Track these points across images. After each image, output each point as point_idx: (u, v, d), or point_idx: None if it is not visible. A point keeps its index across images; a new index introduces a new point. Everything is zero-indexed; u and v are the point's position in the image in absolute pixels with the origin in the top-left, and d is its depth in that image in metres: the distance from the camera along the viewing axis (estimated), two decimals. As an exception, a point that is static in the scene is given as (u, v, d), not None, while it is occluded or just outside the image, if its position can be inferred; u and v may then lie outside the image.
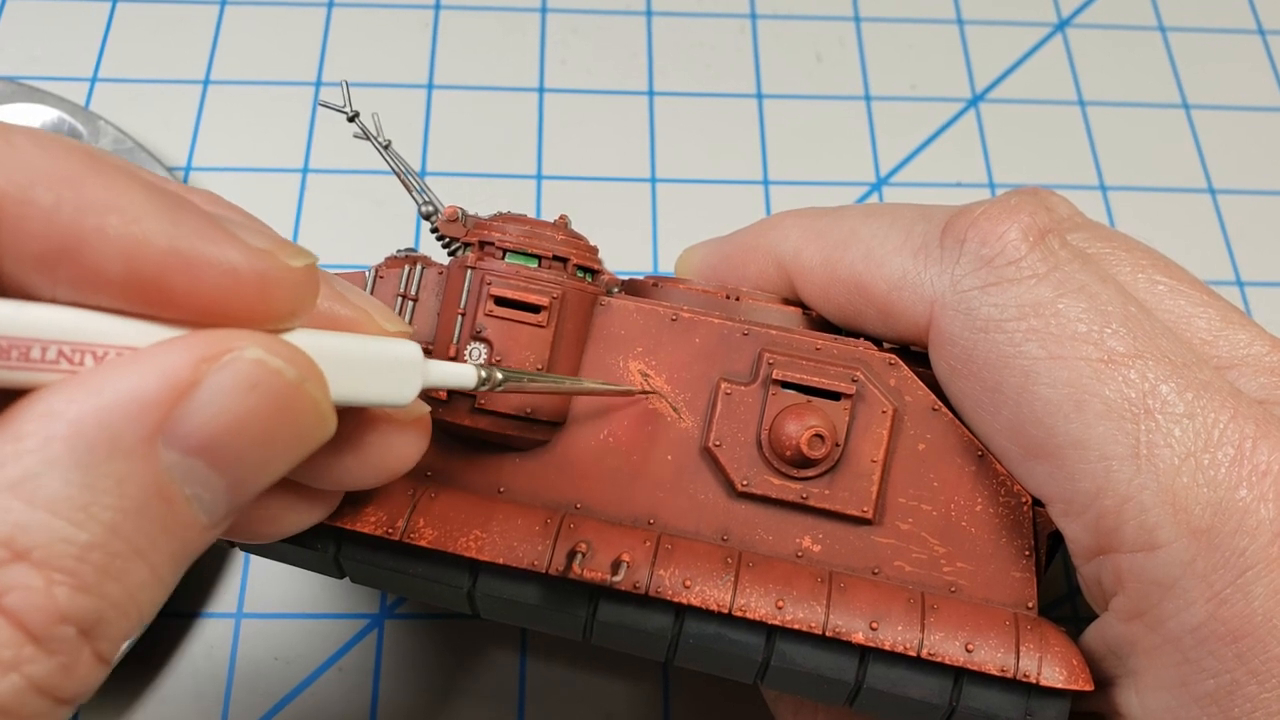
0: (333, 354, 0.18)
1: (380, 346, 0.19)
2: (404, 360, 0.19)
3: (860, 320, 0.26)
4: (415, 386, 0.19)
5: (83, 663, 0.15)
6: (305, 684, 0.34)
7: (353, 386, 0.18)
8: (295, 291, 0.17)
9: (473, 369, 0.21)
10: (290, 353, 0.17)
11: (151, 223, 0.16)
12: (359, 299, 0.20)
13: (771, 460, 0.24)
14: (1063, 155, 0.46)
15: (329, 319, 0.19)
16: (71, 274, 0.15)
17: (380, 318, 0.20)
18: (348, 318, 0.20)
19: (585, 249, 0.25)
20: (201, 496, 0.16)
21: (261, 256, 0.16)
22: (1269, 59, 0.48)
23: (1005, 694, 0.22)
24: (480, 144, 0.44)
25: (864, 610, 0.23)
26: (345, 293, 0.20)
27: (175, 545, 0.16)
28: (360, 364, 0.18)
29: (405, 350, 0.19)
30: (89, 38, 0.45)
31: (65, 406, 0.15)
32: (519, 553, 0.23)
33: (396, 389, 0.19)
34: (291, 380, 0.16)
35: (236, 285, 0.16)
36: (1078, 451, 0.22)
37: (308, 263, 0.17)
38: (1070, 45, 0.48)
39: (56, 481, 0.14)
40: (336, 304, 0.20)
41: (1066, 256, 0.24)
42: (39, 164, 0.15)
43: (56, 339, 0.15)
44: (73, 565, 0.14)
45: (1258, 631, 0.20)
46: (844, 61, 0.47)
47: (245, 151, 0.43)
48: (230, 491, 0.16)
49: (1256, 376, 0.24)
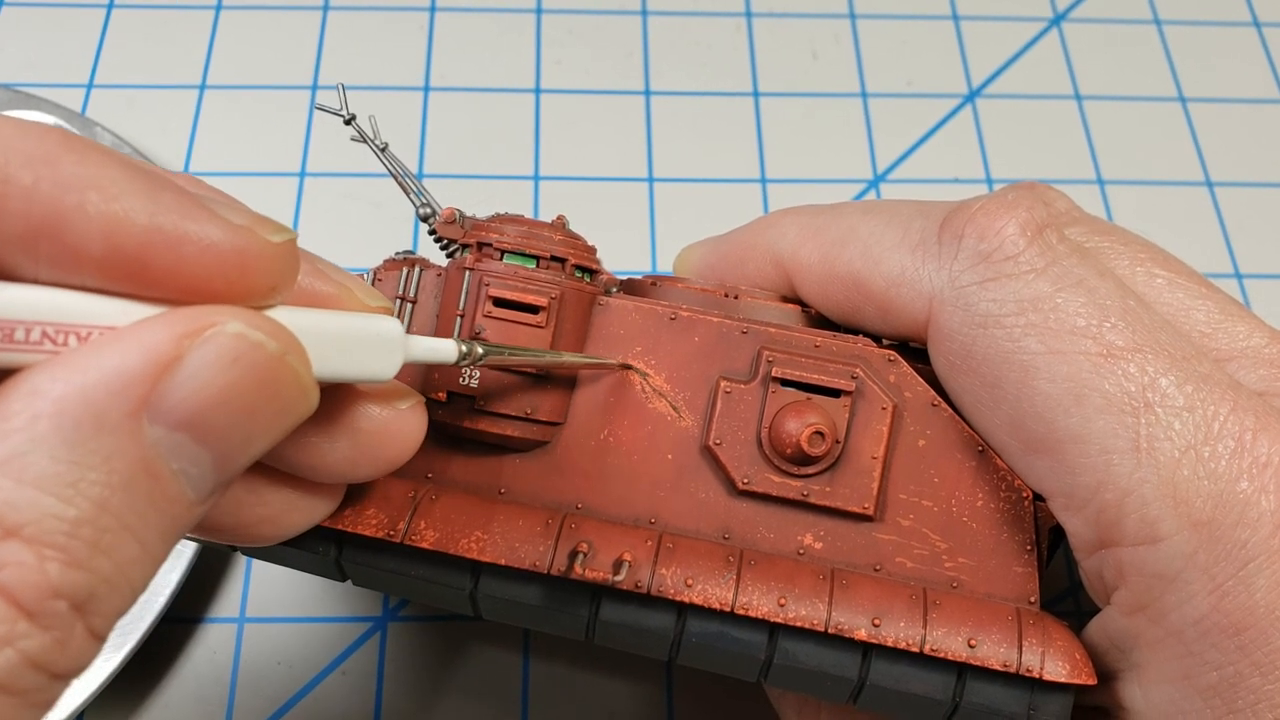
0: (314, 330, 0.18)
1: (361, 322, 0.19)
2: (385, 335, 0.19)
3: (859, 317, 0.26)
4: (397, 361, 0.19)
5: (76, 637, 0.15)
6: (309, 688, 0.34)
7: (335, 362, 0.18)
8: (276, 267, 0.17)
9: (452, 343, 0.21)
10: (271, 327, 0.17)
11: (131, 200, 0.16)
12: (339, 275, 0.20)
13: (772, 458, 0.24)
14: (1060, 150, 0.46)
15: (310, 295, 0.19)
16: (53, 253, 0.15)
17: (361, 293, 0.20)
18: (329, 294, 0.20)
19: (583, 249, 0.25)
20: (188, 471, 0.16)
21: (242, 233, 0.17)
22: (1265, 52, 0.48)
23: (1009, 689, 0.22)
24: (477, 146, 0.44)
25: (866, 607, 0.23)
26: (325, 269, 0.20)
27: (164, 521, 0.16)
28: (342, 340, 0.18)
29: (386, 325, 0.19)
30: (84, 44, 0.45)
31: (50, 385, 0.15)
32: (521, 553, 0.23)
33: (379, 364, 0.19)
34: (273, 353, 0.16)
35: (218, 262, 0.16)
36: (1078, 446, 0.22)
37: (287, 238, 0.17)
38: (1066, 40, 0.48)
39: (44, 459, 0.14)
40: (317, 280, 0.20)
41: (1064, 251, 0.24)
42: (16, 144, 0.15)
43: (39, 320, 0.15)
44: (63, 541, 0.15)
45: (1260, 623, 0.20)
46: (840, 59, 0.47)
47: (242, 156, 0.43)
48: (216, 466, 0.17)
49: (1256, 368, 0.24)
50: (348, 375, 0.19)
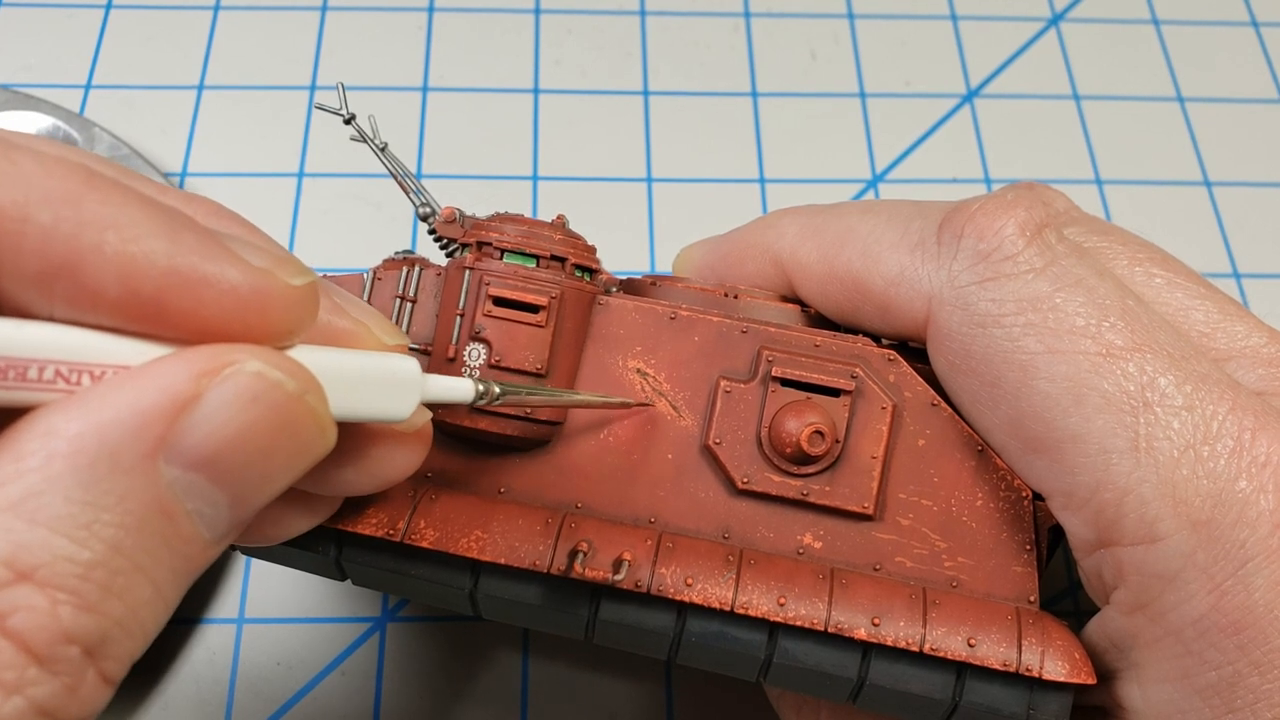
0: (332, 370, 0.18)
1: (379, 362, 0.19)
2: (402, 376, 0.19)
3: (858, 317, 0.26)
4: (413, 402, 0.19)
5: (87, 683, 0.15)
6: (308, 688, 0.34)
7: (352, 402, 0.18)
8: (295, 309, 0.17)
9: (469, 383, 0.21)
10: (290, 366, 0.16)
11: (150, 241, 0.15)
12: (358, 311, 0.20)
13: (772, 457, 0.24)
14: (1058, 150, 0.46)
15: (328, 331, 0.19)
16: (69, 293, 0.15)
17: (379, 330, 0.20)
18: (346, 330, 0.20)
19: (583, 248, 0.25)
20: (203, 512, 0.16)
21: (262, 275, 0.16)
22: (1263, 51, 0.49)
23: (1008, 688, 0.22)
24: (476, 146, 0.44)
25: (866, 606, 0.23)
26: (344, 304, 0.20)
27: (178, 561, 0.16)
28: (359, 380, 0.18)
29: (404, 366, 0.19)
30: (83, 44, 0.45)
31: (65, 425, 0.15)
32: (520, 553, 0.23)
33: (395, 404, 0.19)
34: (292, 392, 0.16)
35: (236, 304, 0.16)
36: (1077, 445, 0.22)
37: (308, 280, 0.17)
38: (1064, 40, 0.48)
39: (58, 499, 0.14)
40: (335, 316, 0.20)
41: (1063, 251, 0.24)
42: (39, 181, 0.15)
43: (54, 359, 0.15)
44: (76, 584, 0.14)
45: (1259, 623, 0.20)
46: (838, 59, 0.47)
47: (241, 156, 0.43)
48: (232, 507, 0.16)
49: (1255, 368, 0.24)
50: (364, 415, 0.19)
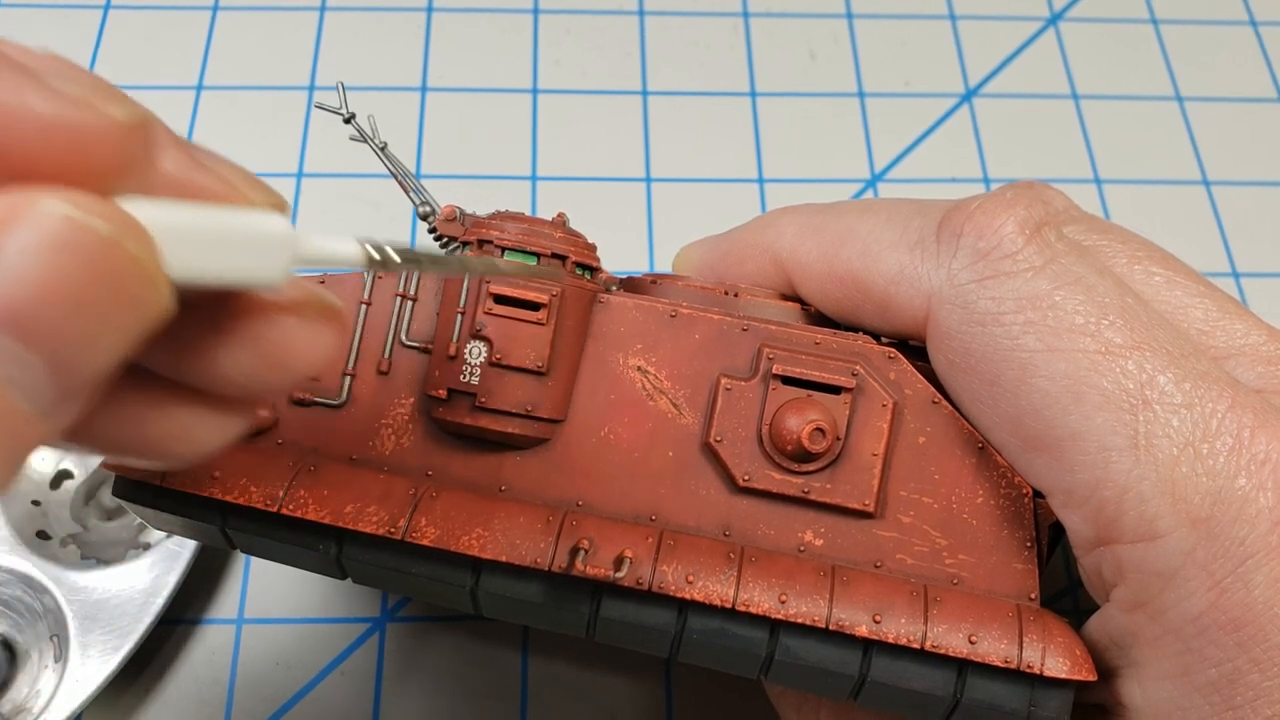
0: (179, 225, 0.15)
1: (239, 217, 0.16)
2: (268, 233, 0.16)
3: (858, 315, 0.26)
4: (283, 263, 0.17)
5: None
6: (308, 688, 0.34)
7: (205, 262, 0.16)
8: (117, 148, 0.15)
9: (354, 242, 0.18)
10: (105, 209, 0.14)
11: None
12: (224, 168, 0.18)
13: (772, 455, 0.24)
14: (1057, 149, 0.46)
15: (185, 188, 0.17)
16: None
17: (246, 188, 0.18)
18: (208, 187, 0.17)
19: (583, 246, 0.25)
20: (16, 378, 0.14)
21: (75, 104, 0.14)
22: (1262, 51, 0.49)
23: (1009, 685, 0.22)
24: (475, 146, 0.44)
25: (867, 603, 0.23)
26: (207, 160, 0.18)
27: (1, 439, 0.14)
28: (215, 237, 0.16)
29: (269, 222, 0.17)
30: (81, 44, 0.45)
31: None
32: (522, 550, 0.23)
33: (261, 267, 0.16)
34: (106, 236, 0.14)
35: (42, 139, 0.14)
36: (1076, 443, 0.22)
37: (133, 114, 0.15)
38: (1063, 39, 0.48)
39: None
40: (195, 172, 0.17)
41: (1063, 249, 0.24)
42: None
43: None
44: None
45: (1259, 620, 0.20)
46: (837, 58, 0.47)
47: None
48: (52, 371, 0.14)
49: (1254, 366, 0.24)
50: (225, 278, 0.16)
